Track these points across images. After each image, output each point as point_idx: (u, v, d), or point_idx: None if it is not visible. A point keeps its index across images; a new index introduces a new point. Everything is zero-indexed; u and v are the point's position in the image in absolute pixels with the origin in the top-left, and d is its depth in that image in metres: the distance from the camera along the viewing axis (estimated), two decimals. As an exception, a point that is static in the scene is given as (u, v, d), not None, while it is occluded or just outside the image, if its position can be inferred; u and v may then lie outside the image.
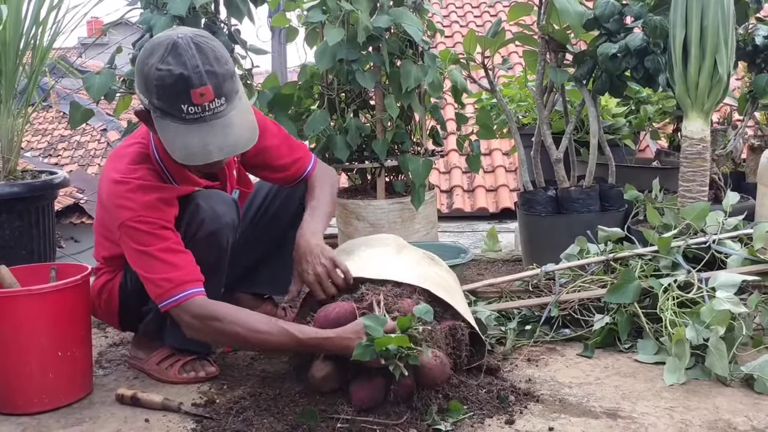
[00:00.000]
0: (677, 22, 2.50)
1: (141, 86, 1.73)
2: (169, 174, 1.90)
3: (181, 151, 1.71)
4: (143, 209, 1.80)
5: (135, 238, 1.79)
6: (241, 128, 1.75)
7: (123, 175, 1.83)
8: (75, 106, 2.97)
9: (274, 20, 3.43)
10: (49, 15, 2.86)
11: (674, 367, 1.92)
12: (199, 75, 1.67)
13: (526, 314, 2.37)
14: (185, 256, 1.82)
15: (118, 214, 1.81)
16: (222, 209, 1.90)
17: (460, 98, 3.33)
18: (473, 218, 6.17)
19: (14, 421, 1.79)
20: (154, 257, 1.78)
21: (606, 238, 2.53)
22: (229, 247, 1.94)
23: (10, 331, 1.77)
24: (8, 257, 2.45)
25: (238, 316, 1.79)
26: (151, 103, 1.72)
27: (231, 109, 1.73)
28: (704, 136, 2.55)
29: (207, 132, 1.70)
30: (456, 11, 10.72)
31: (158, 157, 1.90)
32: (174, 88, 1.66)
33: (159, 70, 1.67)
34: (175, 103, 1.68)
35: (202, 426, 1.71)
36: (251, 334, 1.77)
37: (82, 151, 10.07)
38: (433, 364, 1.69)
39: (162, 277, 1.78)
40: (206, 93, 1.67)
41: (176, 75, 1.66)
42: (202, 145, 1.70)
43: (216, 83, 1.69)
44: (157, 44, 1.71)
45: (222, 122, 1.71)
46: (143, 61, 1.71)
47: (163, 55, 1.68)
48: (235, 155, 1.79)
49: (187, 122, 1.69)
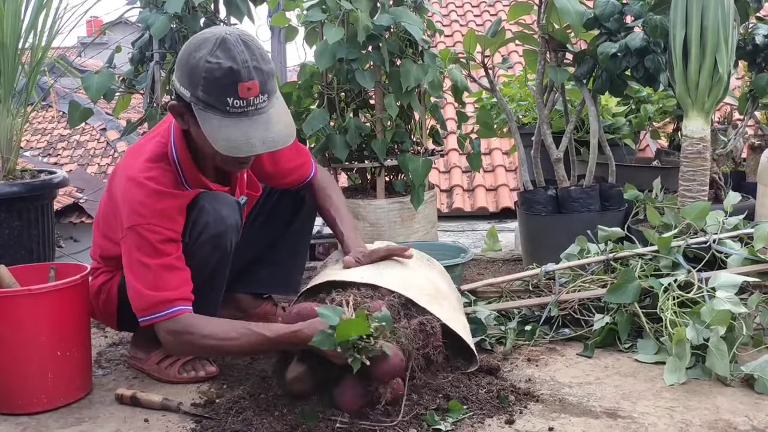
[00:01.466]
0: (677, 21, 2.50)
1: (185, 78, 1.74)
2: (183, 176, 1.90)
3: (224, 143, 1.72)
4: (154, 217, 1.80)
5: (139, 246, 1.80)
6: (280, 125, 1.78)
7: (141, 174, 1.83)
8: (74, 105, 2.96)
9: (274, 19, 3.43)
10: (48, 14, 2.86)
11: (674, 366, 1.92)
12: (248, 70, 1.69)
13: (526, 314, 2.36)
14: (182, 273, 1.83)
15: (129, 216, 1.81)
16: (226, 212, 1.90)
17: (460, 97, 3.33)
18: (473, 218, 6.17)
19: (13, 420, 1.79)
20: (152, 271, 1.79)
21: (606, 237, 2.52)
22: (232, 249, 1.95)
23: (10, 330, 1.77)
24: (7, 257, 2.45)
25: (209, 329, 1.80)
26: (194, 96, 1.73)
27: (271, 106, 1.77)
28: (704, 136, 2.55)
29: (249, 126, 1.73)
30: (456, 10, 10.72)
31: (176, 157, 1.89)
32: (222, 81, 1.69)
33: (208, 62, 1.69)
34: (222, 95, 1.70)
35: (202, 426, 1.71)
36: (223, 342, 1.79)
37: (82, 150, 10.07)
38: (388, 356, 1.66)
39: (152, 293, 1.79)
40: (253, 88, 1.70)
41: (226, 68, 1.68)
42: (246, 138, 1.72)
43: (262, 79, 1.72)
44: (204, 39, 1.73)
45: (263, 118, 1.74)
46: (190, 53, 1.73)
47: (212, 48, 1.70)
48: (274, 149, 1.81)
49: (230, 116, 1.72)
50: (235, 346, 1.81)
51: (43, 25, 2.86)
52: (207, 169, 1.95)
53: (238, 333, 1.79)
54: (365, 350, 1.62)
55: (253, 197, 2.20)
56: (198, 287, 1.85)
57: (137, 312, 1.82)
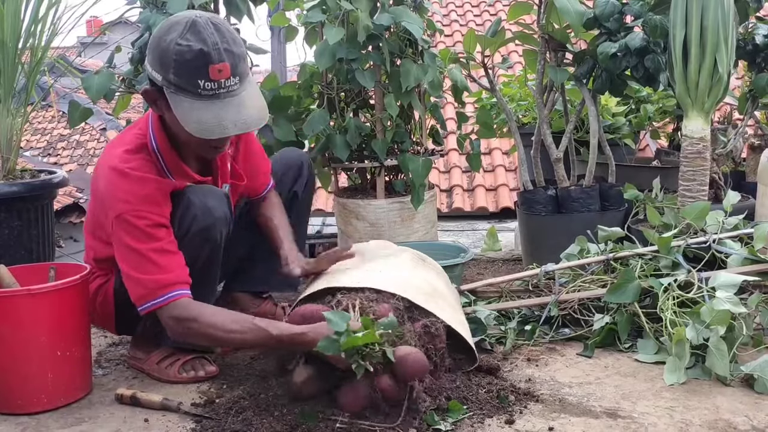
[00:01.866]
0: (677, 21, 2.50)
1: (156, 62, 1.74)
2: (165, 165, 1.90)
3: (195, 125, 1.73)
4: (141, 203, 1.80)
5: (129, 232, 1.79)
6: (252, 108, 1.78)
7: (121, 164, 1.82)
8: (74, 105, 2.96)
9: (274, 19, 3.43)
10: (47, 14, 2.86)
11: (674, 366, 1.92)
12: (218, 52, 1.70)
13: (526, 314, 2.36)
14: (176, 257, 1.82)
15: (115, 205, 1.80)
16: (213, 203, 1.90)
17: (460, 97, 3.33)
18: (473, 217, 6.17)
19: (13, 420, 1.79)
20: (145, 257, 1.78)
21: (606, 237, 2.52)
22: (222, 241, 1.95)
23: (9, 330, 1.77)
24: (7, 257, 2.45)
25: (215, 318, 1.80)
26: (165, 79, 1.73)
27: (243, 89, 1.77)
28: (704, 136, 2.55)
29: (221, 108, 1.73)
30: (456, 10, 10.72)
31: (156, 147, 1.89)
32: (193, 63, 1.69)
33: (179, 45, 1.70)
34: (193, 78, 1.70)
35: (202, 426, 1.71)
36: (227, 334, 1.79)
37: (82, 150, 10.06)
38: (409, 354, 1.66)
39: (149, 278, 1.78)
40: (224, 70, 1.71)
41: (196, 50, 1.69)
42: (217, 119, 1.73)
43: (233, 62, 1.73)
44: (175, 22, 1.74)
45: (235, 100, 1.75)
46: (160, 37, 1.74)
47: (183, 31, 1.71)
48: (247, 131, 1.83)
49: (202, 98, 1.72)
50: (238, 339, 1.80)
51: (43, 24, 2.86)
52: (188, 157, 1.95)
53: (243, 327, 1.78)
54: (369, 357, 1.61)
55: (238, 186, 2.19)
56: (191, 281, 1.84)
57: (135, 301, 1.81)
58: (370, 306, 1.78)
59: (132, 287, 1.81)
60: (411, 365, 1.64)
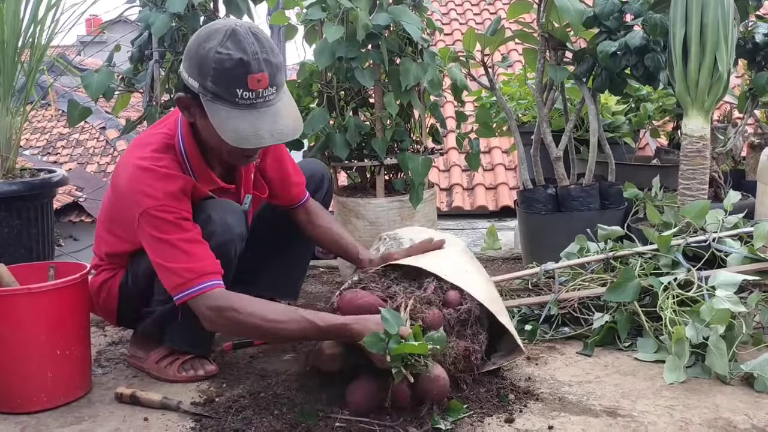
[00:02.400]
0: (677, 19, 2.50)
1: (193, 69, 1.73)
2: (191, 168, 1.90)
3: (232, 134, 1.72)
4: (167, 199, 1.78)
5: (157, 226, 1.77)
6: (288, 118, 1.78)
7: (148, 162, 1.81)
8: (73, 104, 2.96)
9: (273, 18, 3.42)
10: (47, 13, 2.85)
11: (674, 365, 1.92)
12: (258, 61, 1.70)
13: (525, 313, 2.36)
14: (205, 247, 1.80)
15: (142, 201, 1.78)
16: (232, 220, 1.89)
17: (460, 96, 3.32)
18: (473, 216, 6.17)
19: (13, 420, 1.79)
20: (176, 247, 1.76)
21: (606, 236, 2.52)
22: (236, 258, 1.94)
23: (9, 330, 1.77)
24: (7, 256, 2.45)
25: (255, 307, 1.76)
26: (202, 86, 1.72)
27: (279, 99, 1.77)
28: (704, 134, 2.55)
29: (257, 118, 1.73)
30: (455, 9, 10.72)
31: (183, 150, 1.89)
32: (232, 72, 1.69)
33: (218, 53, 1.69)
34: (231, 86, 1.69)
35: (201, 425, 1.71)
36: (270, 324, 1.74)
37: (81, 149, 10.06)
38: (440, 377, 1.67)
39: (183, 266, 1.75)
40: (262, 80, 1.70)
41: (236, 59, 1.68)
42: (254, 129, 1.72)
43: (271, 72, 1.72)
44: (214, 30, 1.73)
45: (271, 110, 1.75)
46: (199, 44, 1.72)
47: (222, 40, 1.70)
48: (283, 142, 1.81)
49: (239, 107, 1.72)
50: (281, 329, 1.75)
51: (42, 23, 2.86)
52: (214, 163, 1.95)
53: (287, 317, 1.74)
54: (412, 367, 1.60)
55: (259, 198, 2.20)
56: None
57: (171, 291, 1.78)
58: (421, 310, 1.77)
59: (166, 277, 1.78)
60: (438, 388, 1.65)
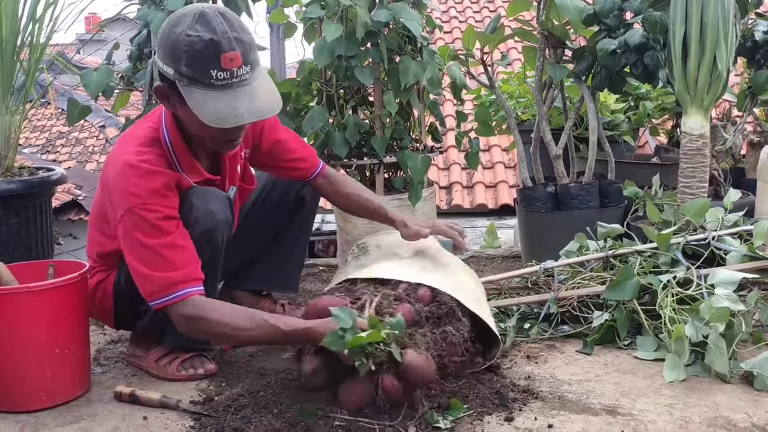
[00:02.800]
0: (677, 18, 2.50)
1: (167, 55, 1.73)
2: (176, 160, 1.89)
3: (211, 115, 1.72)
4: (151, 196, 1.78)
5: (139, 227, 1.76)
6: (266, 96, 1.78)
7: (132, 158, 1.81)
8: (72, 102, 2.96)
9: (273, 16, 3.42)
10: (46, 11, 2.85)
11: (674, 364, 1.91)
12: (229, 40, 1.70)
13: (525, 311, 2.36)
14: (186, 252, 1.80)
15: (125, 199, 1.78)
16: (215, 207, 1.89)
17: (459, 94, 3.32)
18: (472, 214, 6.18)
19: (12, 419, 1.78)
20: (156, 253, 1.76)
21: (605, 234, 2.52)
22: (224, 245, 1.94)
23: (8, 328, 1.76)
24: (6, 254, 2.44)
25: (223, 315, 1.78)
26: (177, 72, 1.72)
27: (254, 78, 1.77)
28: (704, 132, 2.55)
29: (234, 97, 1.73)
30: (455, 7, 10.71)
31: (168, 142, 1.88)
32: (204, 53, 1.68)
33: (188, 36, 1.69)
34: (205, 68, 1.69)
35: (201, 423, 1.71)
36: (237, 332, 1.77)
37: (81, 147, 10.06)
38: (417, 361, 1.65)
39: (161, 275, 1.75)
40: (235, 58, 1.70)
41: (206, 40, 1.68)
42: (231, 108, 1.72)
43: (243, 50, 1.72)
44: (183, 14, 1.74)
45: (248, 89, 1.74)
46: (170, 30, 1.73)
47: (191, 23, 1.70)
48: (262, 119, 1.82)
49: (215, 88, 1.71)
50: (248, 336, 1.79)
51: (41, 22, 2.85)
52: (199, 154, 1.94)
53: (253, 323, 1.76)
54: (374, 356, 1.61)
55: (247, 190, 2.18)
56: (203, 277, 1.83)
57: (146, 296, 1.79)
58: (390, 306, 1.78)
59: (142, 284, 1.79)
60: (415, 371, 1.64)
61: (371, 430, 1.60)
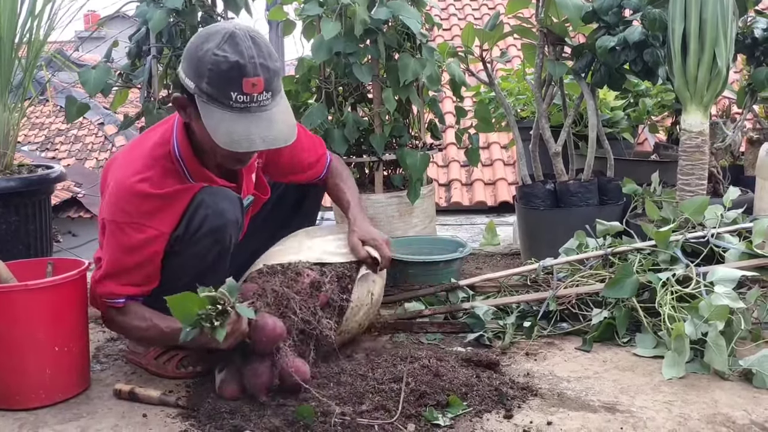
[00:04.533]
0: (676, 14, 2.49)
1: (190, 70, 1.75)
2: (187, 171, 1.90)
3: (224, 137, 1.73)
4: (140, 216, 1.82)
5: (118, 239, 1.84)
6: (282, 124, 1.79)
7: (137, 173, 1.84)
8: (70, 100, 2.95)
9: (271, 13, 3.41)
10: (44, 8, 2.84)
11: (673, 361, 1.92)
12: (254, 66, 1.71)
13: (524, 309, 2.36)
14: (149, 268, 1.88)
15: (116, 212, 1.83)
16: (226, 206, 1.89)
17: (458, 91, 3.32)
18: (471, 212, 6.17)
19: (11, 416, 1.78)
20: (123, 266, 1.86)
21: (604, 231, 2.52)
22: (232, 245, 1.94)
23: (7, 326, 1.76)
24: (4, 252, 2.44)
25: (131, 319, 1.90)
26: (198, 87, 1.73)
27: (274, 105, 1.78)
28: (703, 130, 2.55)
29: (251, 122, 1.74)
30: (454, 4, 10.70)
31: (178, 153, 1.89)
32: (228, 75, 1.70)
33: (215, 55, 1.70)
34: (226, 89, 1.70)
35: (200, 421, 1.70)
36: (141, 333, 1.92)
37: (80, 145, 10.05)
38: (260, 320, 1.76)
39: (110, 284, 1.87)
40: (257, 84, 1.71)
41: (232, 62, 1.69)
42: (246, 133, 1.73)
43: (267, 77, 1.73)
44: (213, 32, 1.75)
45: (266, 116, 1.75)
46: (197, 46, 1.74)
47: (220, 42, 1.71)
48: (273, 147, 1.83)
49: (233, 110, 1.73)
50: (146, 337, 1.94)
51: (40, 19, 2.85)
52: (209, 165, 1.95)
53: (147, 326, 1.88)
54: (209, 317, 1.66)
55: (261, 199, 2.20)
56: (194, 279, 1.83)
57: (92, 284, 1.90)
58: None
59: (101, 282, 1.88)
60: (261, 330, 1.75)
61: (370, 428, 1.61)
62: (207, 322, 1.66)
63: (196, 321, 1.66)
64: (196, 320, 1.66)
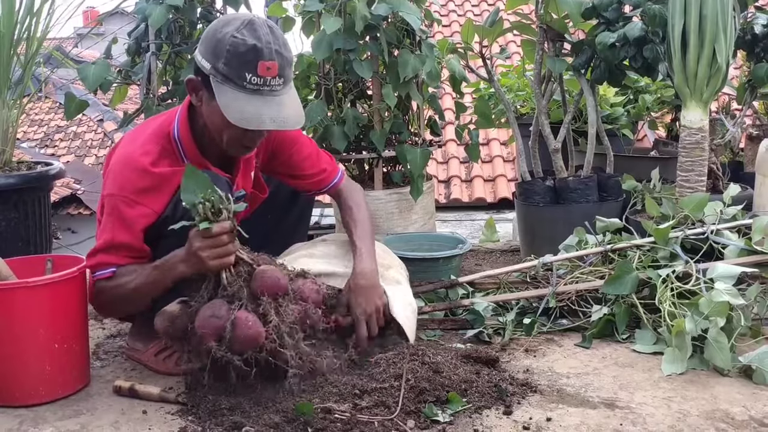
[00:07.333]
0: (676, 10, 2.49)
1: (208, 51, 1.81)
2: (183, 154, 1.95)
3: (236, 114, 1.78)
4: (135, 193, 1.87)
5: (111, 213, 1.88)
6: (291, 109, 1.86)
7: (137, 149, 1.90)
8: (69, 97, 2.95)
9: (271, 9, 3.41)
10: (43, 4, 2.84)
11: (673, 357, 1.92)
12: (270, 50, 1.78)
13: (524, 305, 2.36)
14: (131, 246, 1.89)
15: (113, 185, 1.89)
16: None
17: (458, 87, 3.32)
18: (471, 208, 6.18)
19: (11, 413, 1.78)
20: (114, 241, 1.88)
21: (604, 228, 2.52)
22: None
23: (6, 323, 1.76)
24: (4, 249, 2.45)
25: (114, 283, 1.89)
26: (214, 67, 1.79)
27: (285, 92, 1.84)
28: (703, 126, 2.55)
29: (263, 104, 1.80)
30: (453, 0, 10.68)
31: (177, 135, 1.94)
32: (245, 56, 1.76)
33: (234, 37, 1.77)
34: (241, 69, 1.77)
35: (199, 418, 1.70)
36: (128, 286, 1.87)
37: (79, 141, 10.03)
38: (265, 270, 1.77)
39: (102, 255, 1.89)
40: (272, 68, 1.78)
41: (250, 45, 1.76)
42: (257, 113, 1.79)
43: (281, 63, 1.80)
44: (234, 18, 1.84)
45: (276, 100, 1.82)
46: (217, 29, 1.82)
47: (240, 26, 1.79)
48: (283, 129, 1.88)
49: (246, 91, 1.79)
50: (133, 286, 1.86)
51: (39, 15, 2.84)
52: (209, 153, 1.97)
53: (135, 274, 1.86)
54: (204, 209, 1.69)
55: (258, 198, 2.20)
56: None
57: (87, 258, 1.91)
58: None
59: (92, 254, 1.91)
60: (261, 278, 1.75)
61: (369, 425, 1.61)
62: (201, 213, 1.69)
63: (194, 204, 1.69)
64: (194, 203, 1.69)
